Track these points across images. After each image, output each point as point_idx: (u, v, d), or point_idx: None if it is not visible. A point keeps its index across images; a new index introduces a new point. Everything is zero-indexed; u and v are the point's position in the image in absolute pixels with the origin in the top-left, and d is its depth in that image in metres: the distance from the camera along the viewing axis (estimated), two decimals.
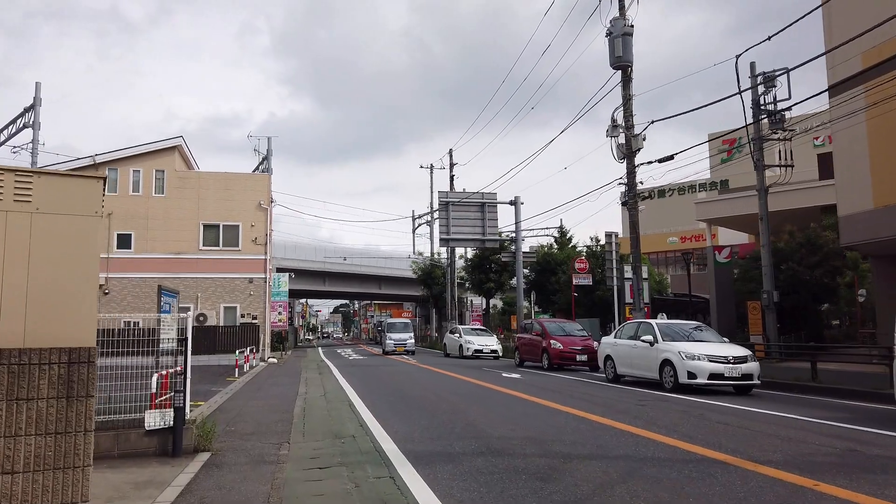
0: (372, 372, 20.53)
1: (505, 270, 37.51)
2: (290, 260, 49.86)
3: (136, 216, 28.04)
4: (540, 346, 20.45)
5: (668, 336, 13.51)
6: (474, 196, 32.17)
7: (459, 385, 15.08)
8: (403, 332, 33.85)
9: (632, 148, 21.01)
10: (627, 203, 21.38)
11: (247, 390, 15.29)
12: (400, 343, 32.61)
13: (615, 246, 24.12)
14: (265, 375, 20.44)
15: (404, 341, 32.74)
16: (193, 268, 28.26)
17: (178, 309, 11.62)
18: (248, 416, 10.52)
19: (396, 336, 33.13)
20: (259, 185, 29.34)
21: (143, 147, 28.25)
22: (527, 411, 10.07)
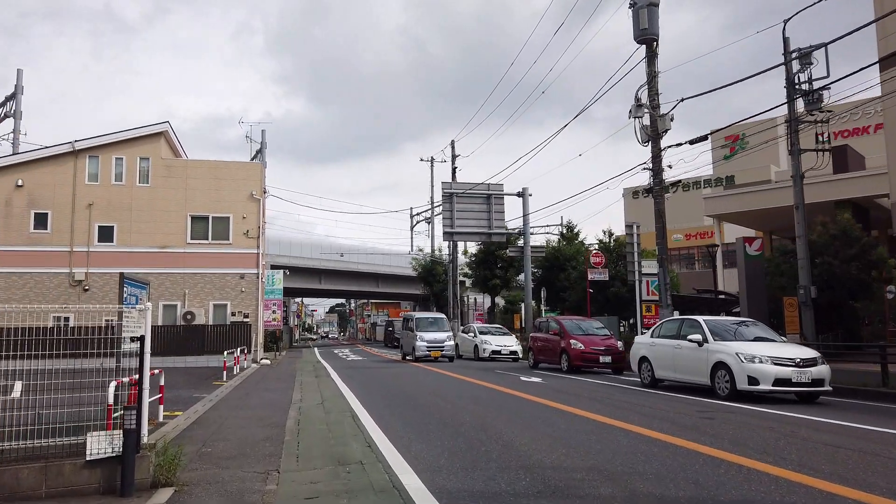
0: (373, 375, 18.70)
1: (511, 266, 35.66)
2: (284, 257, 48.04)
3: (119, 207, 26.12)
4: (558, 347, 18.64)
5: (719, 335, 11.70)
6: (480, 187, 30.33)
7: (475, 391, 13.25)
8: (438, 331, 25.25)
9: (658, 129, 19.22)
10: (653, 190, 19.58)
11: (234, 397, 13.45)
12: (435, 346, 24.36)
13: (636, 237, 22.31)
14: (256, 378, 18.59)
15: (440, 343, 24.46)
16: (180, 263, 26.38)
17: (147, 300, 9.77)
18: (230, 432, 8.69)
19: (430, 336, 24.64)
20: (251, 175, 27.46)
21: (127, 133, 26.35)
22: (572, 427, 8.25)
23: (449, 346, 24.41)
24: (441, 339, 24.50)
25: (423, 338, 24.36)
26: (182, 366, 24.25)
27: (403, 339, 27.05)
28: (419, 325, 25.39)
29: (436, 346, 24.32)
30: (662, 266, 19.32)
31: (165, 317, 26.12)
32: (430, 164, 46.61)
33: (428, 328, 25.13)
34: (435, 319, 26.48)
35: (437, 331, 25.09)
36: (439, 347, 24.29)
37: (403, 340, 27.04)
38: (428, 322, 25.88)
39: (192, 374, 20.63)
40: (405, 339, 26.65)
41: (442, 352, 24.22)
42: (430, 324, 25.64)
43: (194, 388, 15.74)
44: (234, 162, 27.69)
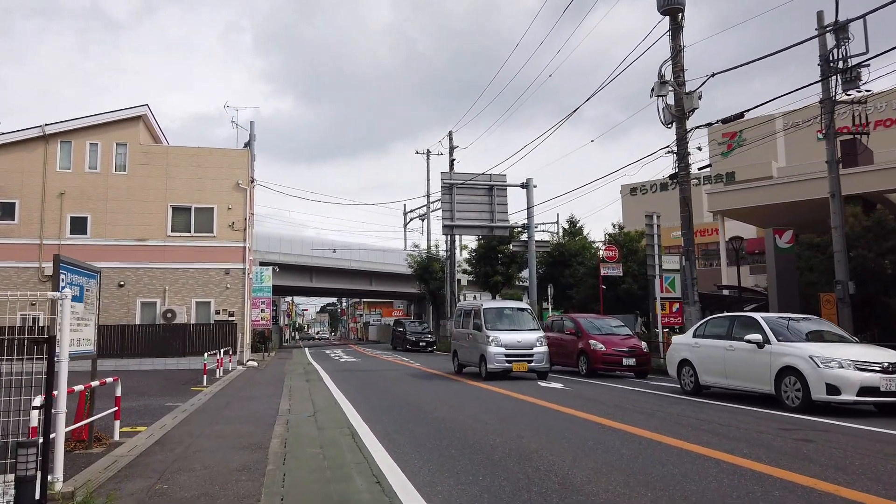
0: (370, 379, 16.85)
1: (514, 262, 33.85)
2: (274, 253, 46.07)
3: (94, 196, 24.13)
4: (575, 348, 16.86)
5: (782, 335, 9.94)
6: (481, 178, 28.53)
7: (493, 399, 11.45)
8: (521, 329, 16.14)
9: (684, 108, 17.49)
10: (678, 175, 17.85)
11: (212, 406, 11.58)
12: (519, 355, 15.39)
13: (656, 229, 20.54)
14: (240, 383, 16.71)
15: (527, 350, 15.49)
16: (160, 257, 24.42)
17: (97, 293, 7.91)
18: (198, 458, 6.84)
19: (510, 338, 15.56)
20: (237, 163, 25.53)
21: (102, 116, 24.36)
22: (640, 453, 6.43)
23: (540, 355, 15.40)
24: (528, 342, 15.43)
25: (500, 340, 15.32)
26: (161, 368, 22.39)
27: (460, 343, 17.76)
28: (489, 319, 16.10)
29: (520, 354, 15.23)
30: (689, 259, 17.60)
31: (144, 315, 24.17)
32: (426, 156, 44.80)
33: (505, 325, 16.06)
34: (515, 311, 17.13)
35: (520, 329, 15.98)
36: (526, 357, 15.22)
37: (460, 345, 17.77)
38: (503, 315, 16.65)
39: (171, 377, 18.74)
40: (463, 343, 17.38)
41: (530, 363, 15.21)
42: (506, 317, 16.55)
43: (169, 394, 13.88)
44: (219, 149, 25.76)
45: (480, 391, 12.95)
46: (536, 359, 15.42)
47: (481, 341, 15.78)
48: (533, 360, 15.34)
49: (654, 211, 21.49)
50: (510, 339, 15.44)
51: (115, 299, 23.98)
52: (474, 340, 16.38)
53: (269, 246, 46.69)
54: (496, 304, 18.66)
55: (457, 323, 18.82)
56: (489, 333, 15.56)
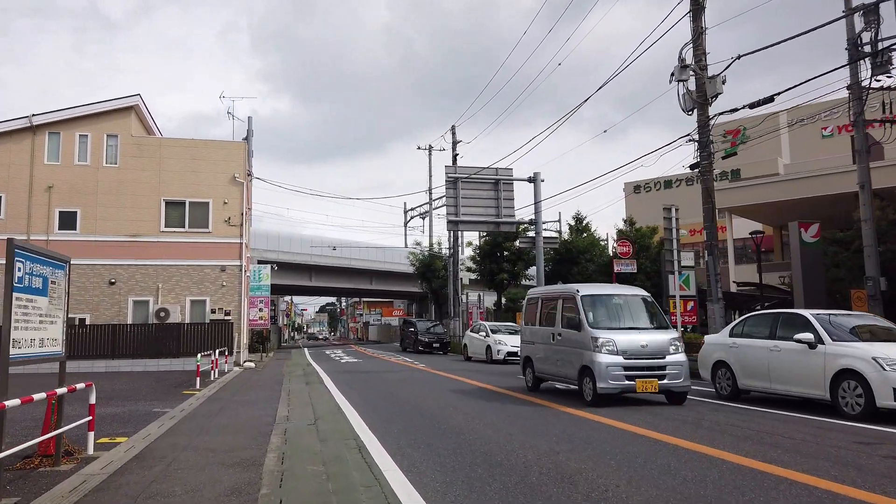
0: (374, 381, 15.84)
1: (520, 260, 32.82)
2: (272, 252, 45.07)
3: (84, 190, 23.10)
4: None
5: (836, 334, 8.93)
6: (487, 171, 27.51)
7: (510, 405, 10.43)
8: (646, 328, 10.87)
9: (706, 94, 16.49)
10: (700, 165, 16.84)
11: (203, 413, 10.56)
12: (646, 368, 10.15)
13: (675, 222, 19.52)
14: (236, 386, 15.70)
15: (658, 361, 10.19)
16: (153, 253, 23.40)
17: (66, 286, 6.88)
18: (180, 478, 5.83)
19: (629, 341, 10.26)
20: (233, 155, 24.49)
21: (92, 107, 23.31)
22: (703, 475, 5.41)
23: (677, 367, 10.19)
24: (658, 346, 10.25)
25: (614, 345, 10.13)
26: (154, 369, 21.39)
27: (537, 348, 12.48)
28: (593, 312, 10.80)
29: (647, 367, 10.12)
30: (712, 254, 16.58)
31: (136, 314, 23.14)
32: (428, 151, 43.77)
33: (618, 321, 10.91)
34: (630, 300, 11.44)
35: (643, 327, 10.84)
36: (655, 370, 10.11)
37: (536, 350, 12.52)
38: (613, 305, 11.27)
39: (163, 380, 17.74)
40: (544, 348, 12.15)
41: (662, 379, 10.09)
42: (618, 309, 11.20)
43: (159, 399, 12.87)
44: (215, 141, 24.73)
45: (490, 394, 11.93)
46: (672, 373, 9.96)
47: (581, 345, 10.43)
48: (666, 377, 9.95)
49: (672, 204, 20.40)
50: (630, 342, 10.10)
51: (107, 297, 22.96)
52: (567, 344, 10.99)
53: (268, 244, 45.70)
54: (599, 288, 11.96)
55: (528, 317, 13.12)
56: (596, 334, 10.16)
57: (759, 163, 50.00)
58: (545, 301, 12.56)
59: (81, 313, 22.68)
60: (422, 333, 32.33)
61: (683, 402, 10.29)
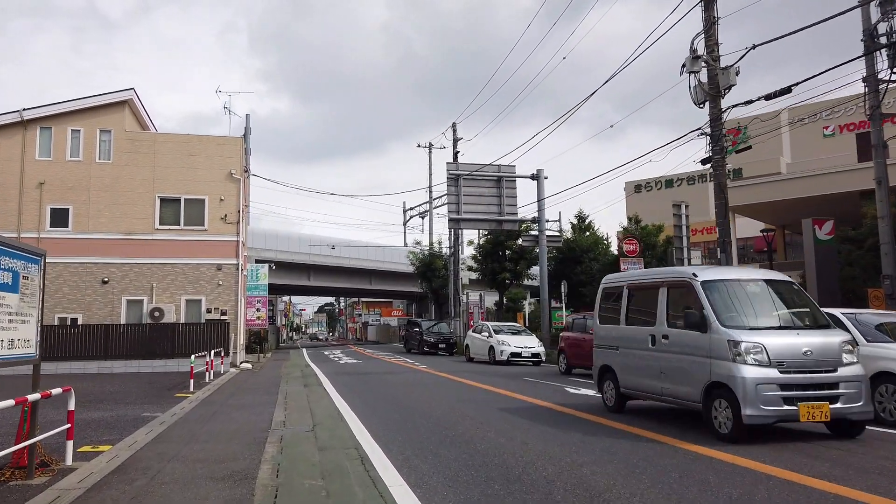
0: (375, 384, 15.27)
1: (522, 259, 32.24)
2: (270, 251, 44.48)
3: (76, 187, 22.50)
4: None
5: (869, 335, 8.35)
6: (489, 168, 26.96)
7: (524, 411, 9.87)
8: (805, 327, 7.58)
9: (719, 86, 15.92)
10: (713, 159, 16.27)
11: (194, 418, 9.98)
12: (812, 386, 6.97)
13: (685, 219, 18.95)
14: (231, 388, 15.12)
15: (829, 375, 7.03)
16: (147, 251, 22.80)
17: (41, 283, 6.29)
18: (163, 495, 5.25)
19: (785, 345, 7.06)
20: (230, 151, 23.91)
21: (85, 101, 22.71)
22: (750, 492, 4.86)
23: (855, 382, 7.15)
24: (827, 353, 7.19)
25: (767, 350, 7.06)
26: (148, 371, 20.80)
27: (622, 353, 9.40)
28: (729, 303, 7.78)
29: (812, 384, 7.05)
30: (725, 251, 15.99)
31: (129, 314, 22.55)
32: (428, 149, 43.26)
33: (764, 316, 7.80)
34: (775, 288, 8.21)
35: (800, 327, 7.71)
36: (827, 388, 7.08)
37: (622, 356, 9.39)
38: (752, 297, 8.02)
39: (156, 382, 17.16)
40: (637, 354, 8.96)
41: (836, 401, 7.03)
42: (760, 301, 8.03)
43: (150, 402, 12.29)
44: (211, 136, 24.13)
45: (501, 398, 11.37)
46: (848, 393, 7.02)
47: (707, 352, 7.45)
48: (840, 398, 7.00)
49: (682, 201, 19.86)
50: (786, 347, 7.10)
51: (99, 297, 22.37)
52: (679, 350, 8.01)
53: (266, 243, 45.12)
54: (725, 272, 8.67)
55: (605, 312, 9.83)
56: (736, 336, 7.17)
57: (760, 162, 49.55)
58: (635, 290, 9.26)
59: (74, 313, 22.10)
60: (427, 333, 31.31)
61: (861, 433, 7.29)
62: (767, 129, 31.38)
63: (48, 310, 21.89)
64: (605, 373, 9.66)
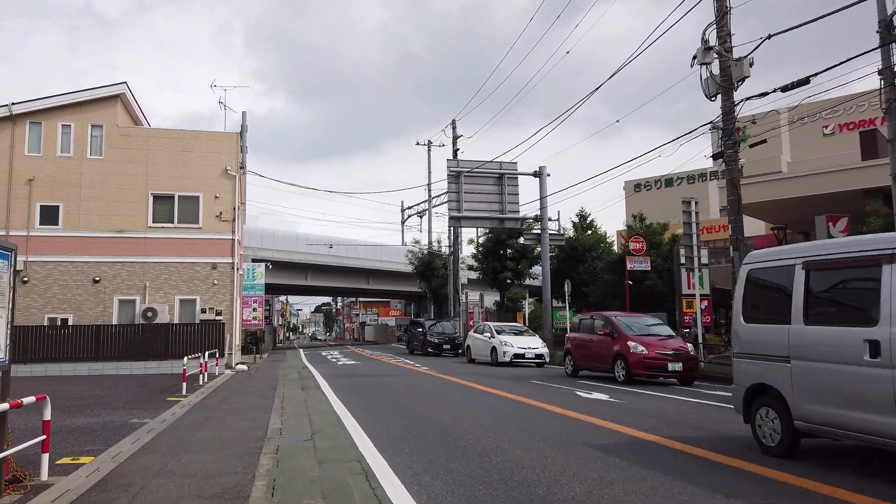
0: (375, 386, 14.69)
1: (524, 258, 31.65)
2: (267, 250, 43.85)
3: (66, 183, 21.87)
4: (609, 351, 14.70)
5: None
6: (491, 165, 26.39)
7: (534, 416, 9.30)
8: None
9: (731, 78, 15.38)
10: (724, 154, 15.73)
11: (185, 425, 9.39)
12: None
13: (695, 216, 18.38)
14: (226, 391, 14.53)
15: None
16: (140, 250, 22.17)
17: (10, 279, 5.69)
18: None
19: None
20: (225, 147, 23.29)
21: (76, 95, 22.07)
22: None
23: None
24: None
25: None
26: (140, 373, 20.19)
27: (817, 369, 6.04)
28: None
29: None
30: (739, 249, 15.44)
31: (122, 314, 21.92)
32: (427, 147, 42.71)
33: None
34: None
35: None
36: None
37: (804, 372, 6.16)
38: None
39: (148, 384, 16.56)
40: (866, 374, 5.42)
41: None
42: None
43: (139, 407, 11.69)
44: (206, 132, 23.49)
45: (508, 403, 10.82)
46: None
47: None
48: None
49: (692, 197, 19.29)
50: None
51: (90, 296, 21.73)
52: None
53: (262, 242, 44.50)
54: None
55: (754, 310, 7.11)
56: None
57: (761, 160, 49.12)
58: (826, 271, 6.18)
59: (64, 313, 21.47)
60: (431, 334, 30.09)
61: None
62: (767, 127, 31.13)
63: (38, 310, 21.29)
64: (760, 395, 6.70)
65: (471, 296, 41.31)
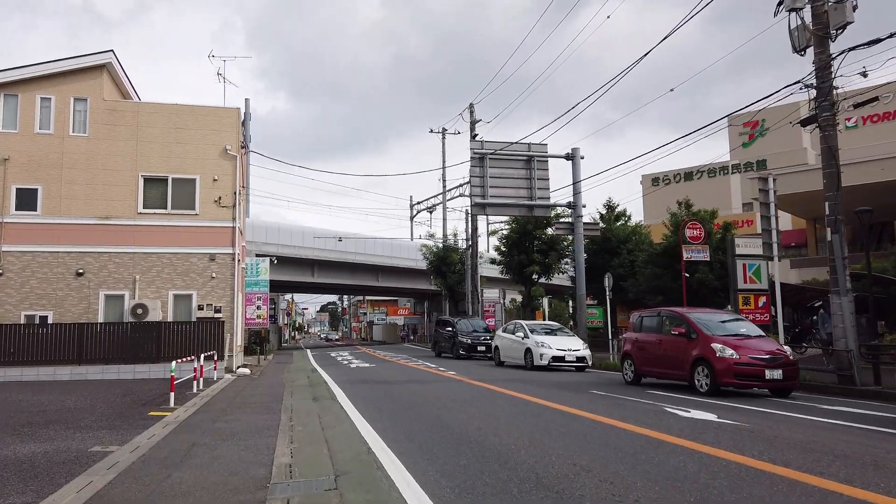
0: (405, 397, 12.15)
1: (552, 250, 29.03)
2: (271, 245, 41.42)
3: (46, 164, 19.43)
4: (687, 354, 12.11)
5: None
6: (519, 147, 23.85)
7: (668, 456, 6.75)
8: None
9: (828, 25, 12.81)
10: (819, 118, 13.11)
11: (161, 457, 6.85)
12: None
13: (772, 195, 15.70)
14: (222, 403, 12.03)
15: None
16: (129, 239, 19.72)
17: None
18: None
19: None
20: (225, 124, 20.81)
21: (57, 65, 19.62)
22: None
23: None
24: None
25: None
26: (128, 378, 17.78)
27: None
28: None
29: None
30: (838, 231, 12.87)
31: (108, 311, 19.47)
32: (442, 134, 40.20)
33: None
34: None
35: None
36: None
37: None
38: None
39: (133, 392, 14.11)
40: None
41: None
42: None
43: (110, 426, 9.21)
44: (203, 106, 20.98)
45: (581, 421, 8.26)
46: None
47: None
48: None
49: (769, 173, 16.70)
50: None
51: (73, 291, 19.28)
52: None
53: (267, 236, 42.06)
54: None
55: None
56: None
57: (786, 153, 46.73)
58: None
59: (43, 310, 19.03)
60: (463, 334, 25.97)
61: None
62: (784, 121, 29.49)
63: (13, 307, 18.87)
64: None
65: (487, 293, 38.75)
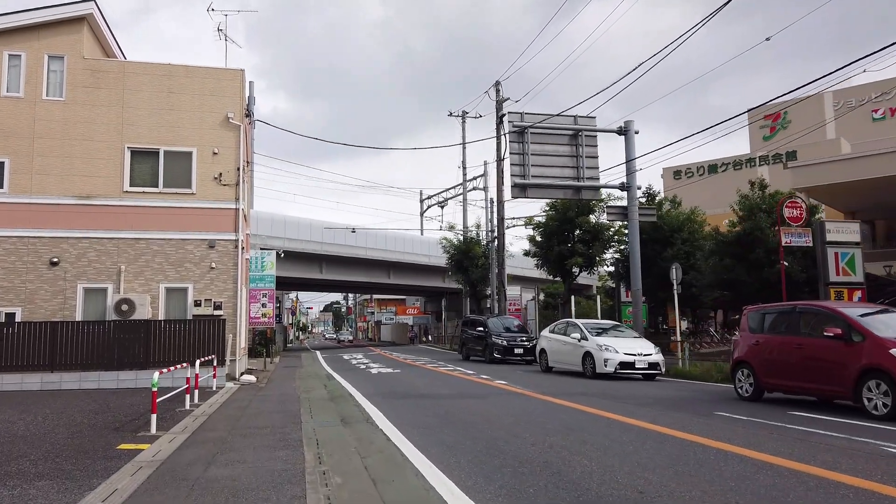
0: (460, 416, 9.03)
1: (596, 240, 25.81)
2: (277, 238, 38.45)
3: (13, 133, 16.38)
4: (847, 363, 8.92)
5: None
6: (564, 120, 20.76)
7: None
8: None
9: None
10: None
11: None
12: None
13: None
14: (221, 428, 8.92)
15: None
16: (113, 222, 16.67)
17: None
18: None
19: None
20: (226, 88, 17.75)
21: (27, 15, 16.57)
22: None
23: None
24: None
25: None
26: (111, 387, 14.80)
27: None
28: None
29: None
30: None
31: (88, 307, 16.41)
32: (461, 119, 37.18)
33: None
34: None
35: None
36: None
37: None
38: None
39: (109, 409, 11.10)
40: None
41: None
42: None
43: (54, 473, 6.11)
44: (200, 67, 17.86)
45: (754, 465, 5.21)
46: None
47: None
48: None
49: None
50: None
51: (46, 283, 16.24)
52: None
53: (273, 229, 39.08)
54: None
55: None
56: None
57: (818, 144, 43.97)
58: None
59: (10, 306, 15.99)
60: (496, 335, 22.79)
61: None
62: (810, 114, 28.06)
63: None
64: None
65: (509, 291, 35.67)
